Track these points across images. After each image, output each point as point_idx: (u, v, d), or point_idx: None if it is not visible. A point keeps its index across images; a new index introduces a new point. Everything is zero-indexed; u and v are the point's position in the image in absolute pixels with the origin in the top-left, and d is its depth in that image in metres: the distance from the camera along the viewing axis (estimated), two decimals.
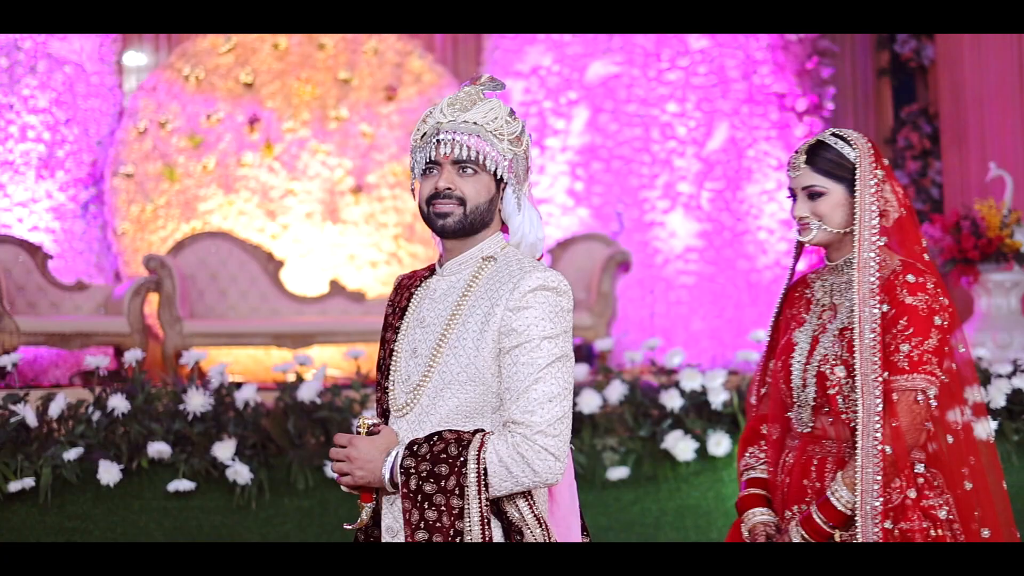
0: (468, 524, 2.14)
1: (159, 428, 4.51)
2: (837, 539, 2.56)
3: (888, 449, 2.50)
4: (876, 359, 2.53)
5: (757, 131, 8.44)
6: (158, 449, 4.44)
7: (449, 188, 2.30)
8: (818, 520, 2.56)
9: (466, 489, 2.15)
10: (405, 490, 2.18)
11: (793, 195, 2.74)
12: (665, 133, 8.36)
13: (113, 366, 6.06)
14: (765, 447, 2.82)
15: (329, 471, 4.56)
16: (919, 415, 2.54)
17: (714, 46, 8.40)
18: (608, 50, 8.32)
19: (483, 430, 2.20)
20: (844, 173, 2.65)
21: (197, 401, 4.53)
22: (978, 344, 6.49)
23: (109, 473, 4.37)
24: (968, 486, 2.62)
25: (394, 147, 7.99)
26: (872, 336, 2.54)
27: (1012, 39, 7.71)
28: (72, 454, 4.36)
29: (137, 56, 8.07)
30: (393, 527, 2.27)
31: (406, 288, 2.49)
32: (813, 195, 2.68)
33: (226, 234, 7.53)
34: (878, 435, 2.50)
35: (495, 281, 2.29)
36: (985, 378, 5.44)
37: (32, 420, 4.47)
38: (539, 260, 2.39)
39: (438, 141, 2.32)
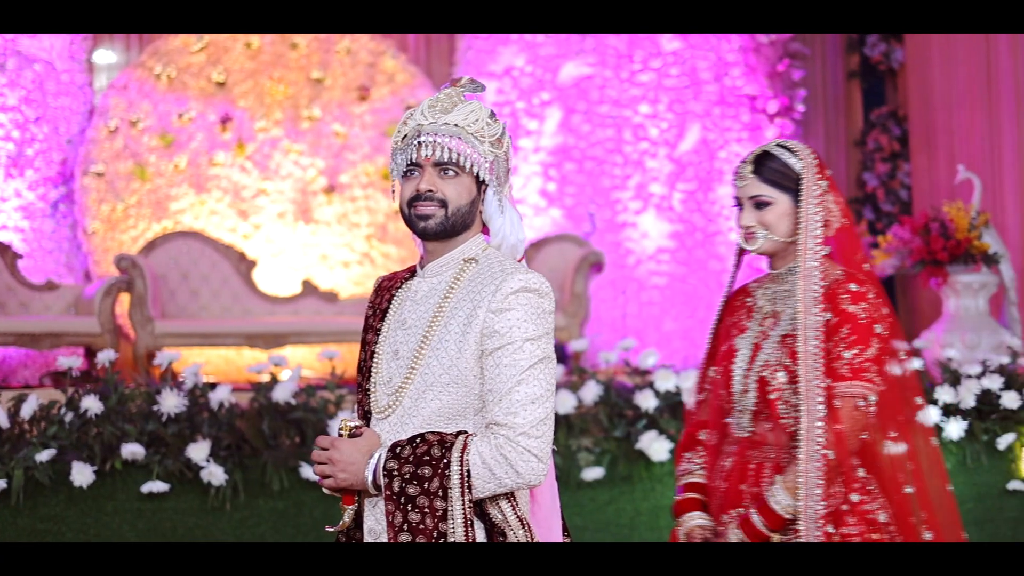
0: (451, 526, 2.15)
1: (132, 429, 4.49)
2: (775, 541, 2.59)
3: (831, 453, 2.53)
4: (819, 365, 2.56)
5: (728, 133, 8.48)
6: (132, 450, 4.42)
7: (431, 190, 2.30)
8: (756, 523, 2.59)
9: (449, 491, 2.15)
10: (388, 492, 2.18)
11: (739, 204, 2.77)
12: (637, 134, 8.39)
13: (84, 366, 6.02)
14: (702, 452, 2.85)
15: (305, 472, 4.55)
16: (859, 422, 2.57)
17: (686, 48, 8.44)
18: (581, 51, 8.34)
19: (466, 432, 2.21)
20: (789, 183, 2.69)
21: (171, 402, 4.51)
22: (947, 345, 6.54)
23: (82, 474, 4.34)
24: (908, 490, 2.66)
25: (367, 147, 7.97)
26: (815, 343, 2.57)
27: (980, 42, 7.79)
28: (44, 455, 4.33)
29: (107, 54, 8.01)
30: (375, 529, 2.27)
31: (386, 290, 2.48)
32: (760, 204, 2.71)
33: (198, 234, 7.50)
34: (820, 439, 2.53)
35: (477, 283, 2.29)
36: (955, 379, 5.50)
37: (3, 421, 4.44)
38: (520, 261, 2.40)
39: (419, 143, 2.31)
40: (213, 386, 4.72)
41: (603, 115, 8.36)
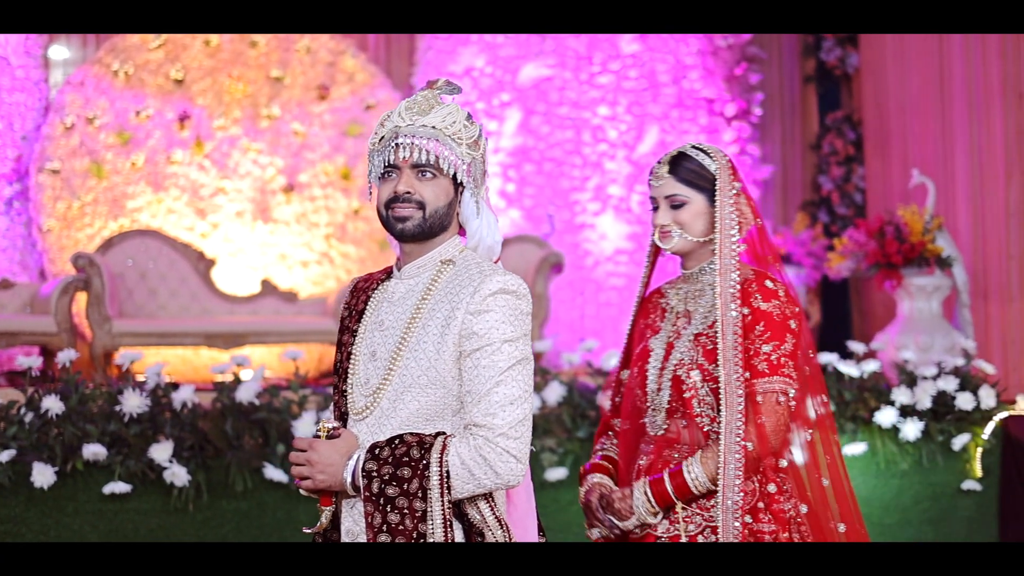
0: (431, 527, 2.16)
1: (94, 430, 4.45)
2: (678, 509, 2.64)
3: (750, 446, 2.59)
4: (738, 359, 2.61)
5: (687, 135, 8.53)
6: (93, 451, 4.38)
7: (408, 192, 2.31)
8: (667, 486, 2.64)
9: (429, 492, 2.16)
10: (367, 493, 2.19)
11: (654, 205, 2.82)
12: (596, 136, 8.43)
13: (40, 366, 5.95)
14: (614, 436, 2.93)
15: (268, 473, 4.53)
16: (783, 416, 2.63)
17: (645, 50, 8.49)
18: (540, 53, 8.36)
19: (444, 433, 2.22)
20: (705, 184, 2.74)
21: (134, 402, 4.47)
22: (901, 347, 6.64)
23: (43, 475, 4.30)
24: (825, 482, 2.74)
25: (326, 146, 7.94)
26: (734, 337, 2.63)
27: (933, 48, 7.91)
28: (4, 456, 4.29)
29: (63, 50, 7.92)
30: (353, 530, 2.28)
31: (362, 291, 2.49)
32: (676, 204, 2.77)
33: (155, 232, 7.42)
34: (740, 432, 2.58)
35: (455, 284, 2.31)
36: (911, 380, 5.59)
37: None
38: (496, 263, 2.42)
39: (397, 145, 2.32)
40: (176, 386, 4.68)
41: (562, 117, 8.39)
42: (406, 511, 2.17)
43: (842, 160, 8.74)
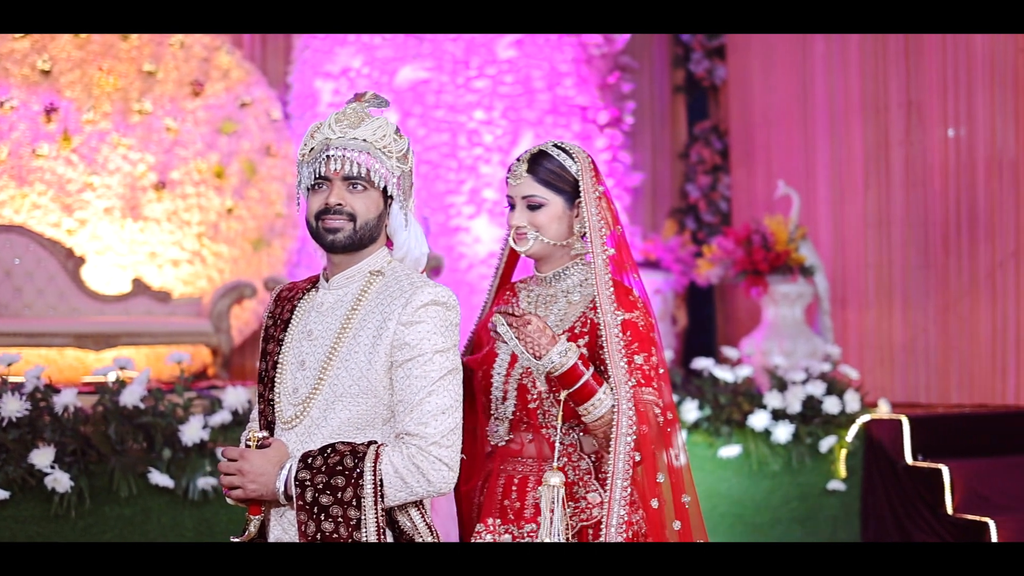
0: (365, 534, 2.20)
1: None
2: (563, 397, 2.49)
3: (638, 455, 2.48)
4: (624, 364, 2.50)
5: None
6: None
7: (340, 204, 2.34)
8: (579, 380, 2.46)
9: (363, 500, 2.20)
10: (300, 502, 2.21)
11: (511, 204, 2.69)
12: (472, 140, 8.48)
13: None
14: None
15: (154, 478, 4.46)
16: (657, 427, 2.52)
17: (521, 56, 8.58)
18: (418, 55, 8.38)
19: (376, 442, 2.25)
20: (565, 186, 2.62)
21: (13, 406, 4.32)
22: (767, 352, 6.90)
23: None
24: (661, 477, 2.58)
25: (199, 143, 7.79)
26: (617, 340, 2.51)
27: (797, 62, 8.23)
28: None
29: None
30: (282, 539, 2.30)
31: (287, 300, 2.50)
32: (533, 205, 2.63)
33: (21, 228, 7.16)
34: (631, 441, 2.46)
35: (385, 295, 2.34)
36: (781, 385, 5.81)
37: None
38: (422, 273, 2.46)
39: (328, 157, 2.35)
40: (56, 389, 4.56)
41: (438, 120, 8.41)
42: (340, 519, 2.19)
43: (709, 169, 9.00)
